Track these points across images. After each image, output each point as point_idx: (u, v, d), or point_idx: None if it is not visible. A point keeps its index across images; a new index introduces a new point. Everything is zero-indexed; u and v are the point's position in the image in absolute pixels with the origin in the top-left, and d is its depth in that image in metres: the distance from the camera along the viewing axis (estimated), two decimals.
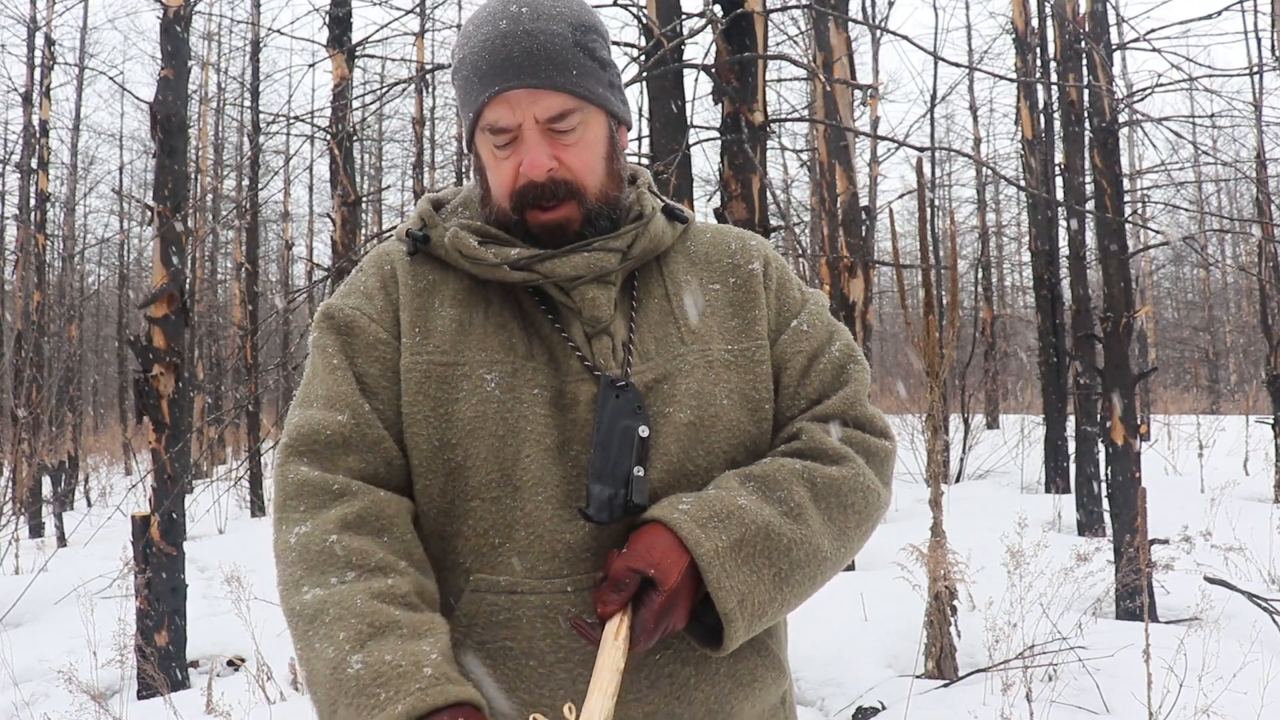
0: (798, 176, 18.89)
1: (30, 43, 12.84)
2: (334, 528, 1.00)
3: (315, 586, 0.98)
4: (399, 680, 0.89)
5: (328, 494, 1.03)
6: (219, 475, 14.67)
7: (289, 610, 0.99)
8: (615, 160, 1.14)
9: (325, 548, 0.99)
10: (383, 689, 0.88)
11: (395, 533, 1.03)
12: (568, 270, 1.09)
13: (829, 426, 1.13)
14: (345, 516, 1.01)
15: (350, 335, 1.11)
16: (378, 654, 0.91)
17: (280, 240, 21.31)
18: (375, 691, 0.88)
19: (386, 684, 0.89)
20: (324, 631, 0.94)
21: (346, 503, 1.02)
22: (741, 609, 0.99)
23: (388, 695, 0.88)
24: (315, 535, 1.00)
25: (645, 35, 5.83)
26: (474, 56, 1.07)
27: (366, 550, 1.00)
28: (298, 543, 1.01)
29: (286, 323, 16.84)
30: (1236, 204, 21.84)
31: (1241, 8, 9.66)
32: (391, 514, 1.04)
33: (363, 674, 0.90)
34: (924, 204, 4.49)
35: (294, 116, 10.64)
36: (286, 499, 1.04)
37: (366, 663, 0.90)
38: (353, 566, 0.98)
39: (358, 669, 0.90)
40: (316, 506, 1.03)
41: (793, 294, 1.22)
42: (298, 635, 0.97)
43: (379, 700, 0.88)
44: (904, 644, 4.50)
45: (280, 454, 1.07)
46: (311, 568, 0.99)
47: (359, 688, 0.89)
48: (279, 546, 1.03)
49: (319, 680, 0.93)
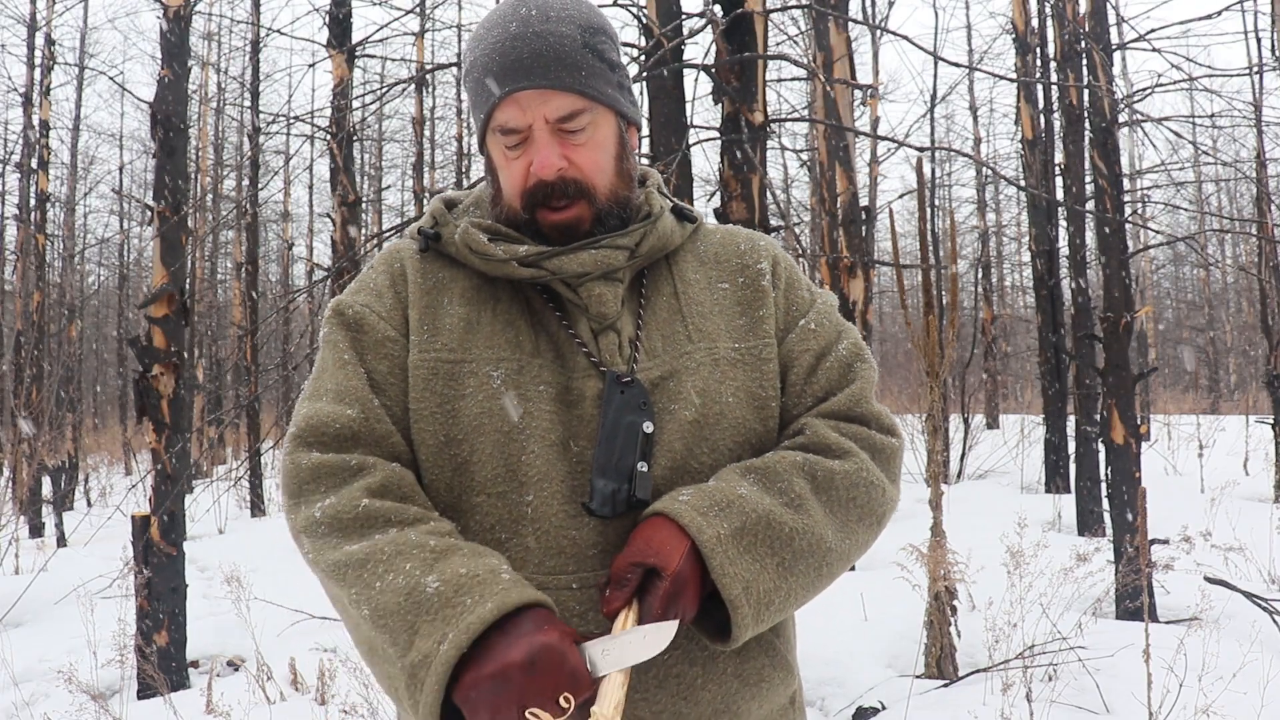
0: (798, 176, 18.90)
1: (30, 43, 12.84)
2: (361, 494, 1.02)
3: (359, 541, 0.99)
4: (480, 586, 0.93)
5: (347, 471, 1.04)
6: (219, 475, 14.66)
7: (332, 564, 0.99)
8: (625, 160, 1.15)
9: (358, 512, 1.00)
10: (467, 595, 0.92)
11: (419, 500, 1.05)
12: (575, 267, 1.09)
13: (833, 422, 1.13)
14: (370, 486, 1.03)
15: (360, 332, 1.12)
16: (452, 569, 0.94)
17: (280, 240, 21.31)
18: (459, 600, 0.92)
19: (470, 590, 0.92)
20: (384, 568, 0.96)
21: (368, 474, 1.04)
22: (747, 595, 0.99)
23: (473, 600, 0.91)
24: (344, 504, 1.01)
25: (645, 35, 5.83)
26: (484, 59, 1.08)
27: (400, 509, 1.02)
28: (324, 515, 1.01)
29: (286, 323, 16.85)
30: (1236, 204, 21.84)
31: (1241, 8, 9.65)
32: (411, 484, 1.06)
33: (442, 589, 0.93)
34: (924, 204, 4.49)
35: (294, 116, 10.65)
36: (303, 483, 1.05)
37: (443, 579, 0.93)
38: (392, 523, 1.00)
39: (436, 586, 0.93)
40: (338, 484, 1.03)
41: (801, 293, 1.22)
42: (349, 581, 0.97)
43: (466, 605, 0.91)
44: (904, 644, 4.50)
45: (289, 443, 1.08)
46: (348, 530, 1.00)
47: (442, 601, 0.92)
48: (301, 522, 1.03)
49: (390, 610, 0.94)
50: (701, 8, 5.59)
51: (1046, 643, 4.00)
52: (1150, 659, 3.11)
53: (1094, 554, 4.67)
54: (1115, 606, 5.27)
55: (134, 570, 4.95)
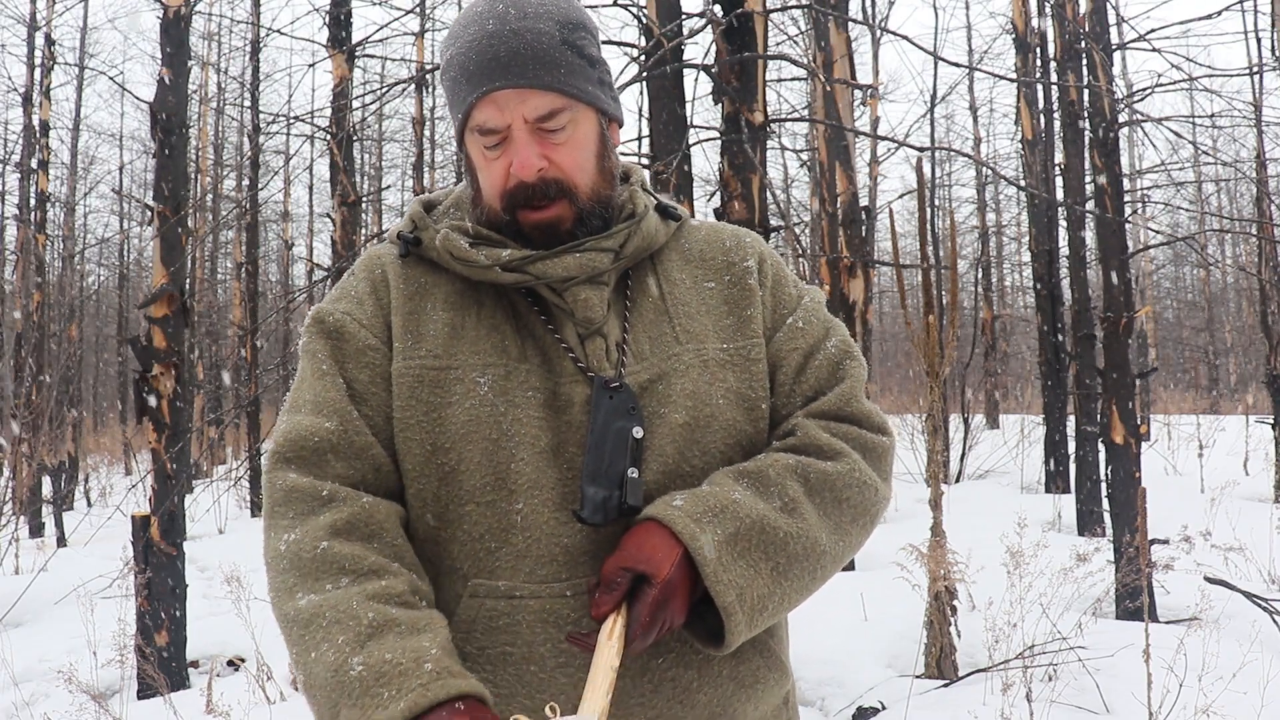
0: (798, 176, 18.89)
1: (30, 43, 12.83)
2: (324, 534, 1.00)
3: (310, 592, 0.97)
4: (400, 678, 0.89)
5: (316, 500, 1.02)
6: (219, 475, 14.67)
7: (283, 617, 0.99)
8: (606, 158, 1.12)
9: (317, 554, 0.99)
10: (385, 688, 0.89)
11: (385, 538, 1.03)
12: (559, 271, 1.07)
13: (824, 422, 1.12)
14: (335, 523, 1.01)
15: (340, 340, 1.10)
16: (378, 654, 0.91)
17: (280, 240, 21.30)
18: (378, 691, 0.89)
19: (389, 683, 0.89)
20: (321, 635, 0.94)
21: (335, 509, 1.02)
22: (741, 602, 0.98)
23: (390, 694, 0.88)
24: (306, 542, 1.00)
25: (645, 35, 5.83)
26: (461, 57, 1.06)
27: (358, 555, 0.99)
28: (288, 550, 1.00)
29: (286, 323, 16.84)
30: (1236, 204, 21.82)
31: (1241, 8, 9.65)
32: (381, 519, 1.04)
33: (364, 675, 0.90)
34: (924, 204, 4.49)
35: (294, 116, 10.64)
36: (275, 505, 1.04)
37: (367, 663, 0.91)
38: (346, 572, 0.98)
39: (359, 670, 0.90)
40: (305, 513, 1.02)
41: (788, 290, 1.21)
42: (293, 640, 0.97)
43: (381, 699, 0.88)
44: (904, 644, 4.50)
45: (269, 460, 1.07)
46: (304, 574, 0.99)
47: (362, 689, 0.89)
48: (269, 554, 1.03)
49: (319, 684, 0.93)
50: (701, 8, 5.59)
51: (1046, 643, 4.00)
52: (1150, 659, 3.11)
53: (1094, 554, 4.67)
54: (1115, 606, 5.27)
55: (134, 570, 4.95)
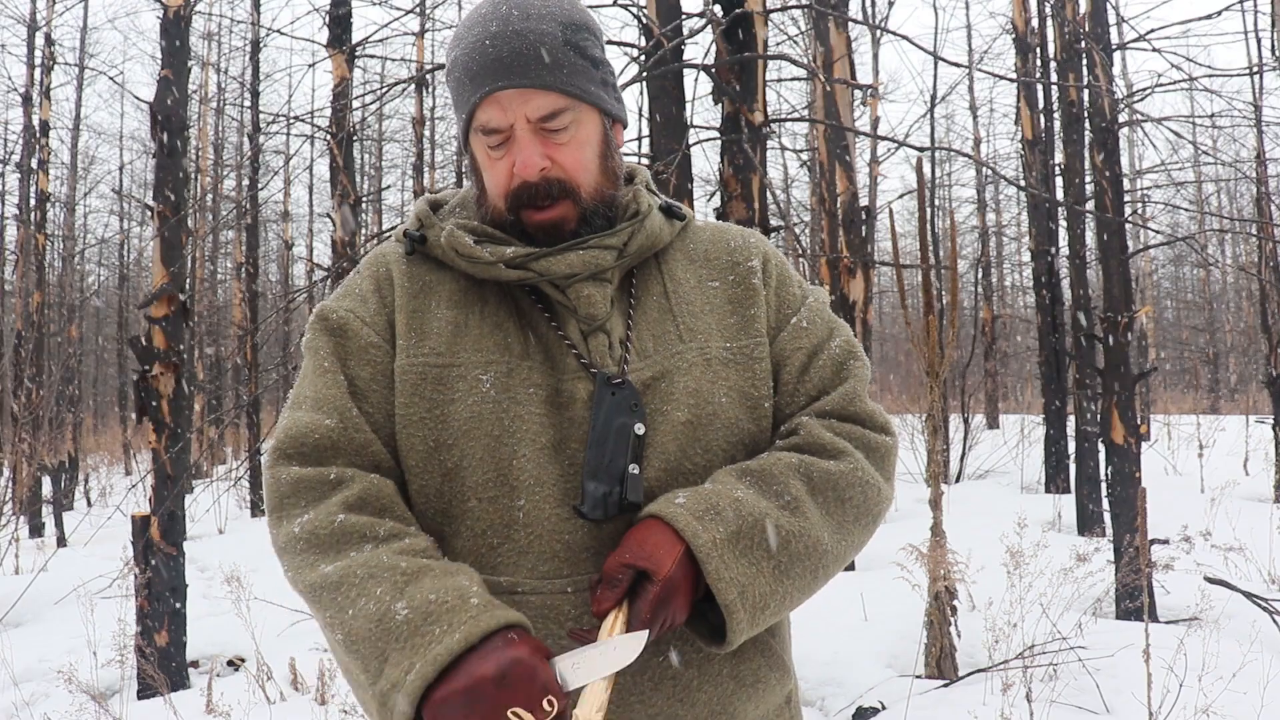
0: (798, 176, 18.91)
1: (30, 43, 12.85)
2: (338, 509, 1.02)
3: (334, 560, 0.99)
4: (450, 614, 0.92)
5: (325, 484, 1.04)
6: (219, 475, 14.67)
7: (309, 585, 1.00)
8: (610, 158, 1.13)
9: (334, 528, 1.01)
10: (435, 625, 0.91)
11: (396, 512, 1.05)
12: (563, 268, 1.08)
13: (827, 422, 1.12)
14: (347, 499, 1.02)
15: (343, 338, 1.11)
16: (421, 596, 0.94)
17: (280, 240, 21.30)
18: (428, 629, 0.91)
19: (438, 620, 0.91)
20: (357, 592, 0.96)
21: (346, 488, 1.04)
22: (743, 600, 0.99)
23: (442, 629, 0.91)
24: (321, 519, 1.01)
25: (645, 35, 5.83)
26: (465, 58, 1.07)
27: (375, 523, 1.02)
28: (303, 531, 1.02)
29: (286, 323, 16.84)
30: (1236, 204, 21.82)
31: (1241, 8, 9.65)
32: (389, 495, 1.06)
33: (411, 617, 0.92)
34: (924, 204, 4.49)
35: (294, 116, 10.64)
36: (283, 497, 1.05)
37: (412, 605, 0.93)
38: (367, 539, 1.00)
39: (405, 614, 0.93)
40: (316, 498, 1.03)
41: (792, 290, 1.21)
42: (325, 604, 0.98)
43: (434, 635, 0.90)
44: (904, 644, 4.50)
45: (270, 456, 1.07)
46: (325, 548, 1.00)
47: (410, 629, 0.92)
48: (282, 539, 1.04)
49: (361, 637, 0.94)
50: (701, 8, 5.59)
51: (1046, 643, 4.00)
52: (1150, 659, 3.11)
53: (1094, 554, 4.68)
54: (1115, 606, 5.27)
55: (134, 570, 4.95)
